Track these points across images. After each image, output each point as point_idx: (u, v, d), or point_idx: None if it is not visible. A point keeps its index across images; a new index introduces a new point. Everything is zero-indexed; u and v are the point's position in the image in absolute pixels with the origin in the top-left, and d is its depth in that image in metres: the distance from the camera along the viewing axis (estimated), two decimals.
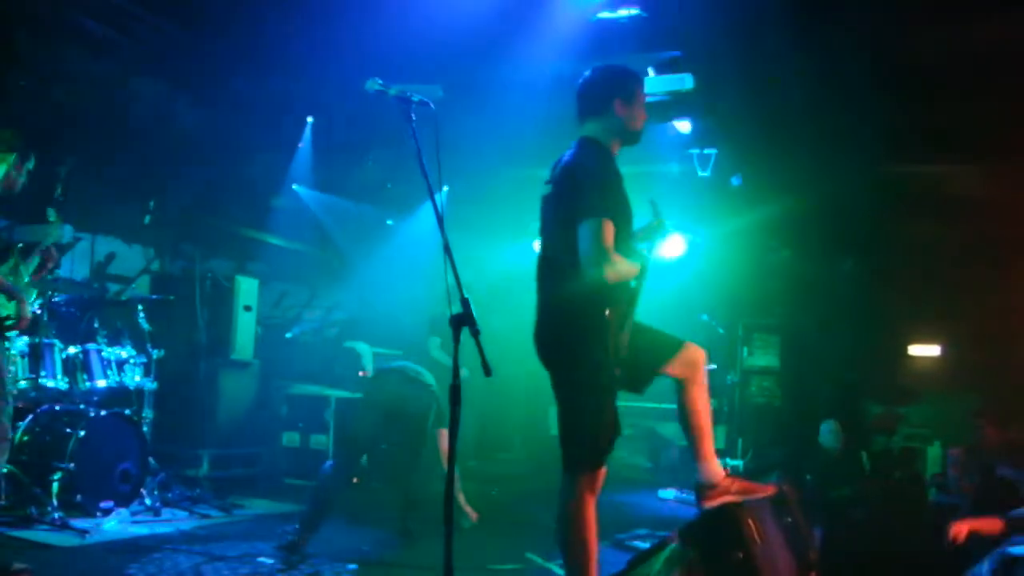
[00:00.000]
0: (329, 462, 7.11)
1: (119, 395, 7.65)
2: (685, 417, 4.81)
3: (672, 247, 12.08)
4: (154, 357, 7.85)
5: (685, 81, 8.06)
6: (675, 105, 8.32)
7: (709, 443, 4.76)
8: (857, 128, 8.82)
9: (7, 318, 5.75)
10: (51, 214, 6.65)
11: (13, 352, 6.72)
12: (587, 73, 4.67)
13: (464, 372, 4.03)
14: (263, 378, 10.05)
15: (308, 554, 6.34)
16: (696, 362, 4.70)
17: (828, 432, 8.98)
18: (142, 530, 6.81)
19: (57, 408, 7.05)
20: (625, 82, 4.61)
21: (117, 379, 7.55)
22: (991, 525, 5.51)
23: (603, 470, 4.44)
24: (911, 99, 8.51)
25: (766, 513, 4.98)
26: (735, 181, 10.19)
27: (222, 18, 8.13)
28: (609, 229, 4.16)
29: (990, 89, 8.21)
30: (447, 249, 3.78)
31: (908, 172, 9.91)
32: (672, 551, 4.34)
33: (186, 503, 7.69)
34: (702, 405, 4.74)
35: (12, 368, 6.59)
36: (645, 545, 6.89)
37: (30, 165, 5.98)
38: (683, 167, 10.23)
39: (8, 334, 5.78)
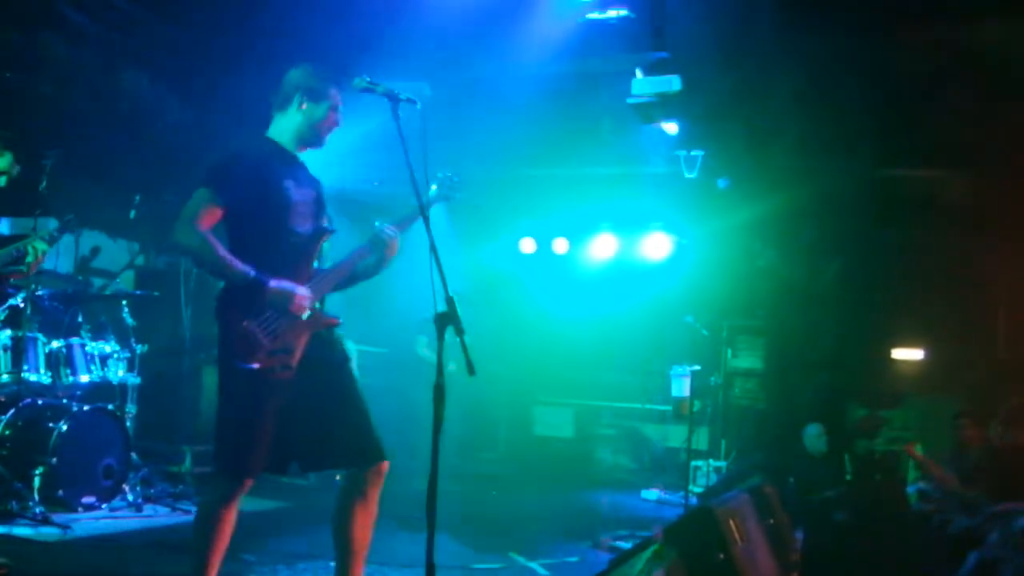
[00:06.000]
0: None
1: (102, 390, 7.63)
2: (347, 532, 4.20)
3: (658, 248, 12.16)
4: (138, 352, 7.83)
5: (672, 83, 8.07)
6: (662, 107, 8.31)
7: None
8: (844, 132, 8.86)
9: None
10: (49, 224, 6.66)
11: None
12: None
13: (451, 366, 4.04)
14: None
15: (289, 552, 6.35)
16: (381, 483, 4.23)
17: (813, 435, 9.02)
18: (124, 526, 6.79)
19: (40, 402, 7.02)
20: (312, 79, 4.38)
21: (100, 374, 7.52)
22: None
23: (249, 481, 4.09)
24: (898, 104, 8.55)
25: (748, 514, 5.01)
26: (721, 183, 10.22)
27: (208, 12, 8.11)
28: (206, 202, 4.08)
29: (977, 96, 8.25)
30: (433, 248, 3.78)
31: (894, 177, 9.95)
32: (654, 552, 4.34)
33: (168, 499, 7.67)
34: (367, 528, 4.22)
35: None
36: (627, 545, 6.92)
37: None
38: (670, 169, 10.24)
39: None
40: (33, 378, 7.03)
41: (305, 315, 4.06)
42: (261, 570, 5.92)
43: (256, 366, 4.00)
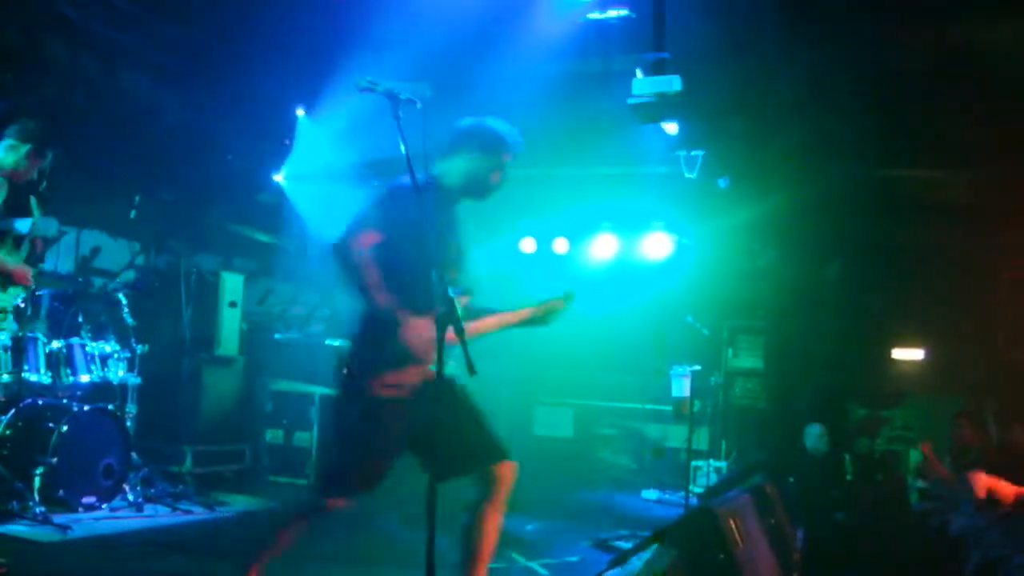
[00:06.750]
0: None
1: (103, 390, 7.62)
2: (475, 534, 4.38)
3: (659, 247, 12.15)
4: (138, 352, 7.82)
5: (673, 83, 8.07)
6: (662, 107, 8.31)
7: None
8: (844, 131, 8.85)
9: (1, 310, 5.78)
10: (33, 203, 6.68)
11: None
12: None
13: (451, 365, 4.04)
14: (247, 374, 10.03)
15: (290, 552, 6.34)
16: (507, 482, 4.41)
17: (814, 435, 9.02)
18: (124, 526, 6.78)
19: (40, 402, 7.02)
20: (489, 136, 4.50)
21: (101, 374, 7.51)
22: (1007, 490, 5.48)
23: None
24: (898, 103, 8.54)
25: (749, 514, 5.00)
26: (722, 183, 10.21)
27: (208, 12, 8.12)
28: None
29: (978, 96, 8.25)
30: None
31: (894, 176, 9.94)
32: (654, 552, 4.34)
33: (168, 499, 7.67)
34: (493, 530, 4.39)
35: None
36: (627, 545, 6.93)
37: (45, 163, 6.02)
38: (670, 169, 10.23)
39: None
40: (33, 378, 7.01)
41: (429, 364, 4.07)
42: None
43: (383, 395, 4.07)
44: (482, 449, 4.35)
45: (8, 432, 6.68)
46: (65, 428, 6.74)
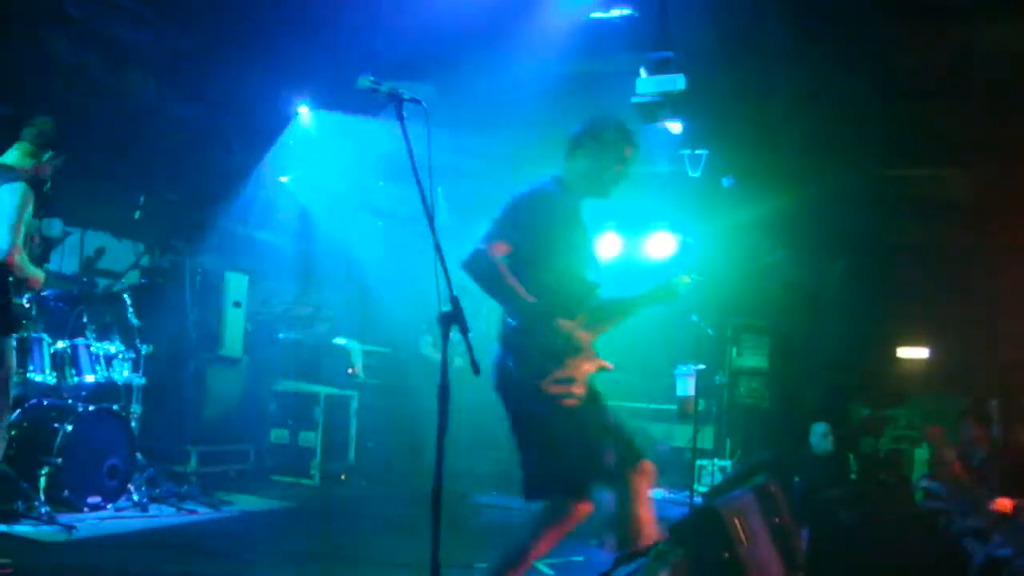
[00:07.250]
0: None
1: (107, 390, 7.62)
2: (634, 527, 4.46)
3: (662, 247, 12.14)
4: (143, 352, 7.83)
5: (677, 82, 8.06)
6: (666, 106, 8.31)
7: None
8: (848, 130, 8.85)
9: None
10: (53, 225, 6.69)
11: None
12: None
13: (457, 360, 4.05)
14: (252, 374, 10.03)
15: (291, 552, 6.35)
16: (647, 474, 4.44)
17: (820, 434, 9.01)
18: (129, 526, 6.79)
19: (45, 403, 7.03)
20: (608, 132, 4.52)
21: (105, 374, 7.52)
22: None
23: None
24: (902, 103, 8.54)
25: (753, 513, 5.00)
26: (726, 182, 10.21)
27: (210, 10, 8.12)
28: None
29: (982, 95, 8.25)
30: (438, 248, 3.78)
31: (898, 175, 9.94)
32: (659, 551, 4.34)
33: (173, 499, 7.68)
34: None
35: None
36: None
37: (59, 162, 6.05)
38: (674, 168, 10.23)
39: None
40: (38, 379, 7.02)
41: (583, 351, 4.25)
42: (263, 570, 5.93)
43: (557, 392, 4.16)
44: (627, 452, 4.43)
45: (14, 432, 6.68)
46: (70, 428, 6.76)
